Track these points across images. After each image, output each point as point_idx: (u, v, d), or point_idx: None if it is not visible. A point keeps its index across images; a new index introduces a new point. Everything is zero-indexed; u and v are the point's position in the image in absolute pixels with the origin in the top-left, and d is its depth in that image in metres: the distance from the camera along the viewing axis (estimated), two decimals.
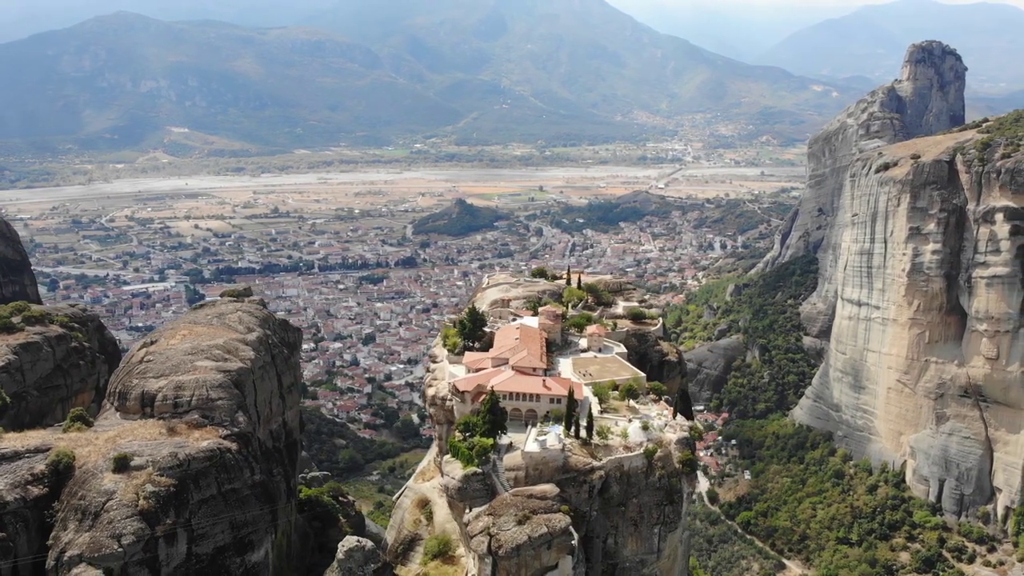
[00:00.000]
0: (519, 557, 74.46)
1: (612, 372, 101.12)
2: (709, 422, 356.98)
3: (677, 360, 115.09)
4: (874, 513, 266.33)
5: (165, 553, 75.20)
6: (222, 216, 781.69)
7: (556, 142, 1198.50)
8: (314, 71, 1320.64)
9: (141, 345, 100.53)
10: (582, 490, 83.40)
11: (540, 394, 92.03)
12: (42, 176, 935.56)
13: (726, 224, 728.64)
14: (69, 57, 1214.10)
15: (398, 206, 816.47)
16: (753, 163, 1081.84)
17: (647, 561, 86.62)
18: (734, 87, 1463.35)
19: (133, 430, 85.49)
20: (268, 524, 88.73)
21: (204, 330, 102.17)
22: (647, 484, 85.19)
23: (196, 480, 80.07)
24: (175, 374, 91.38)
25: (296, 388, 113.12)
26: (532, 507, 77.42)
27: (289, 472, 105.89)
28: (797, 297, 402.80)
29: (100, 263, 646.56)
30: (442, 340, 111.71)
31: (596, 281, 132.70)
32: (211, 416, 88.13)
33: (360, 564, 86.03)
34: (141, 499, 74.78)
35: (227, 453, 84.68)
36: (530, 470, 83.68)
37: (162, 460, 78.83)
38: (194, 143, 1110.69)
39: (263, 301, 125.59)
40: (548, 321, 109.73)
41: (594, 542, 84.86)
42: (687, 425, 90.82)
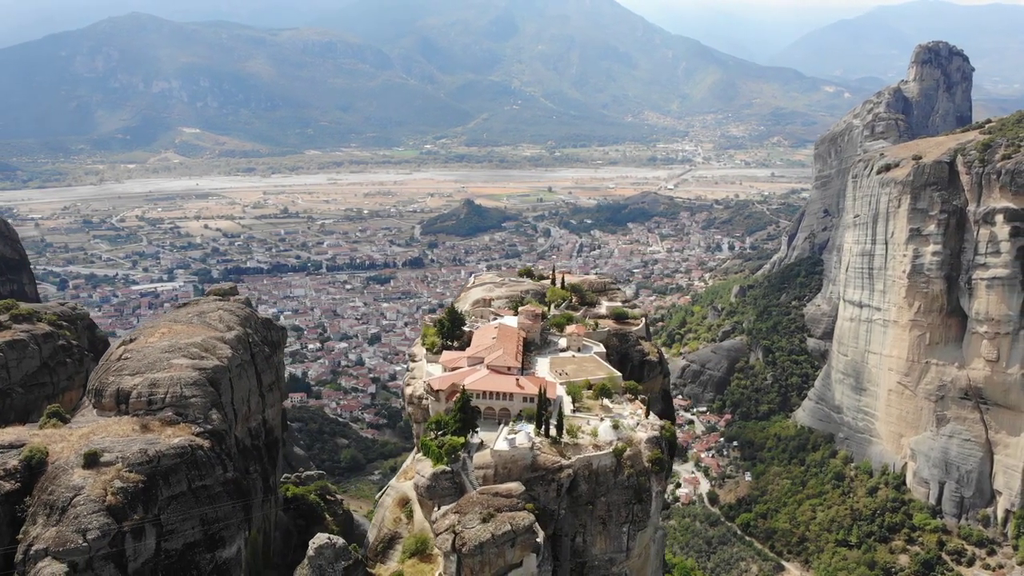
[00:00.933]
0: (482, 555, 74.89)
1: (589, 371, 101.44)
2: (711, 423, 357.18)
3: (658, 360, 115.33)
4: (874, 515, 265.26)
5: (132, 548, 76.00)
6: (232, 216, 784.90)
7: (566, 143, 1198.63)
8: (325, 72, 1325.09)
9: (120, 343, 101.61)
10: (550, 488, 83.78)
11: (513, 393, 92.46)
12: (54, 176, 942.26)
13: (734, 225, 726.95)
14: (82, 58, 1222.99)
15: (407, 207, 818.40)
16: (764, 164, 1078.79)
17: (616, 560, 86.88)
18: (745, 88, 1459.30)
19: (107, 427, 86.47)
20: (241, 521, 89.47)
21: (183, 328, 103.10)
22: (616, 483, 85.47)
23: (166, 476, 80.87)
24: (151, 372, 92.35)
25: (277, 386, 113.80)
26: (497, 505, 77.86)
27: (268, 470, 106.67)
28: (802, 299, 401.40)
29: (110, 263, 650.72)
30: (421, 339, 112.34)
31: (580, 281, 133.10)
32: (185, 413, 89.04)
33: (330, 561, 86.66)
34: (109, 494, 75.65)
35: (199, 450, 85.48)
36: (499, 468, 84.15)
37: (132, 456, 79.69)
38: (205, 143, 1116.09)
39: (248, 300, 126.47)
40: (527, 321, 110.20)
41: (562, 540, 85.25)
42: (659, 424, 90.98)
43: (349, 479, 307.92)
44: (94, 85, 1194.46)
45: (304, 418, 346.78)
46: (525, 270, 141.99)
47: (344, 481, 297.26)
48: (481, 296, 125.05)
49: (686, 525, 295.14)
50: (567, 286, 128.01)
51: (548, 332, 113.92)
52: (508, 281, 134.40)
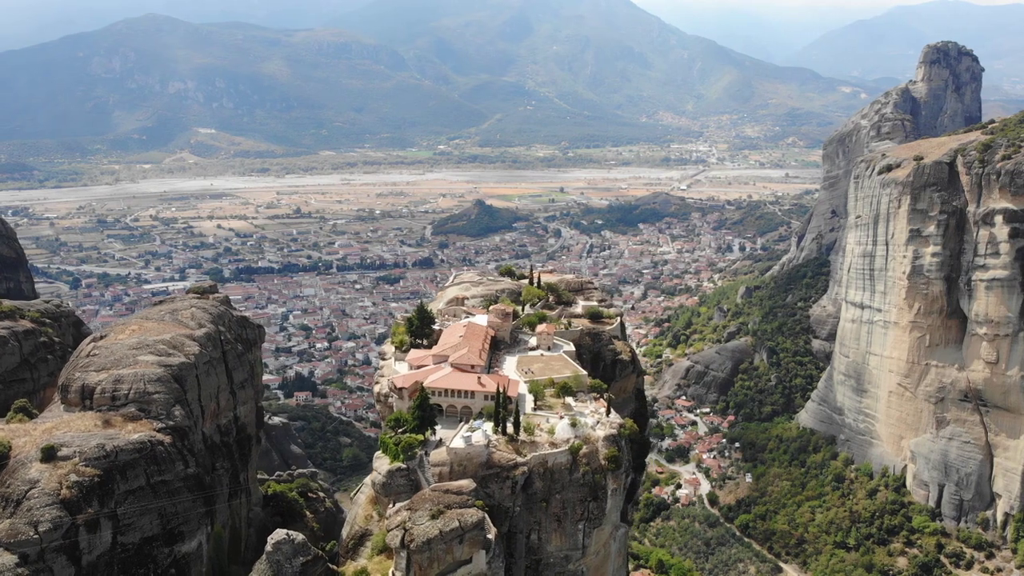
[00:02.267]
0: (431, 551, 75.51)
1: (555, 370, 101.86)
2: (714, 424, 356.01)
3: (630, 359, 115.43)
4: (873, 518, 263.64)
5: (87, 541, 77.24)
6: (245, 216, 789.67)
7: (579, 143, 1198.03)
8: (340, 73, 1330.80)
9: (90, 339, 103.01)
10: (505, 486, 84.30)
11: (474, 391, 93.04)
12: (70, 176, 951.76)
13: (746, 226, 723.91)
14: (99, 59, 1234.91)
15: (419, 207, 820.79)
16: (778, 165, 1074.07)
17: (572, 557, 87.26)
18: (761, 88, 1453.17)
19: (70, 422, 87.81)
20: (202, 516, 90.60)
21: (154, 325, 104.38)
22: (571, 480, 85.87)
23: (123, 471, 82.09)
24: (116, 368, 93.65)
25: (251, 384, 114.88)
26: (447, 502, 78.45)
27: (239, 466, 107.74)
28: (808, 300, 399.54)
29: (123, 262, 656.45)
30: (392, 337, 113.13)
31: (557, 281, 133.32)
32: (147, 409, 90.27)
33: (288, 557, 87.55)
34: (64, 488, 76.93)
35: (158, 446, 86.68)
36: (455, 466, 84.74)
37: (89, 451, 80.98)
38: (220, 144, 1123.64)
39: (226, 299, 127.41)
40: (497, 319, 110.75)
41: (517, 537, 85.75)
42: (618, 423, 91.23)
43: (350, 477, 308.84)
44: (111, 86, 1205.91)
45: (308, 416, 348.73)
46: (506, 269, 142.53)
47: (345, 479, 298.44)
48: (456, 295, 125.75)
49: (685, 526, 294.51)
50: (543, 285, 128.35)
51: (520, 331, 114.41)
52: (486, 280, 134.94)
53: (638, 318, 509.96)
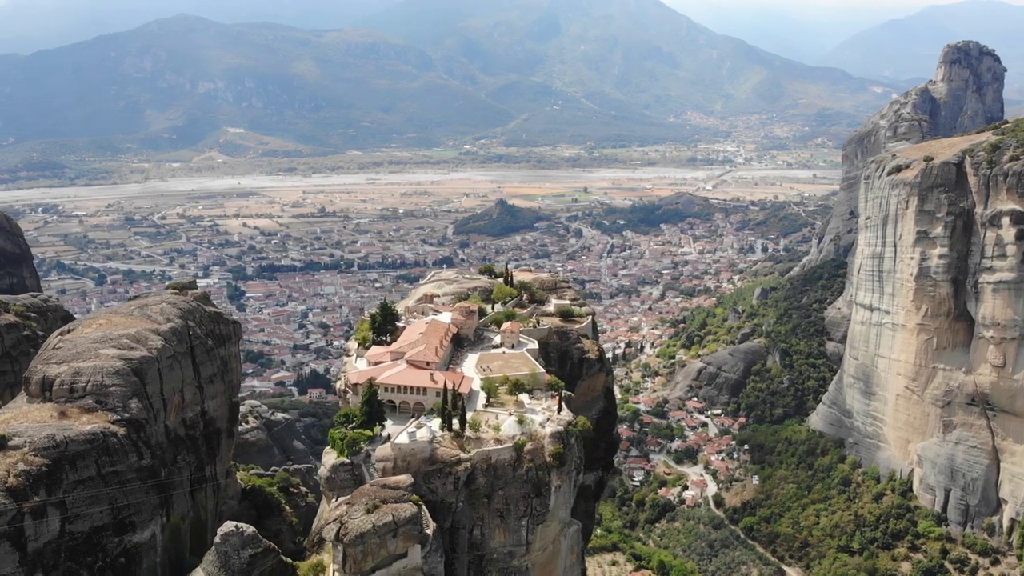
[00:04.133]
0: (364, 544, 76.48)
1: (514, 368, 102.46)
2: (725, 426, 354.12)
3: (597, 358, 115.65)
4: (878, 521, 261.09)
5: (33, 529, 78.95)
6: (270, 215, 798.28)
7: (605, 143, 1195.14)
8: (368, 73, 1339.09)
9: (57, 332, 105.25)
10: (448, 481, 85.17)
11: (427, 387, 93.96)
12: (101, 174, 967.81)
13: (769, 227, 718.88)
14: (131, 58, 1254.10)
15: (442, 206, 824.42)
16: (806, 165, 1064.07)
17: (516, 553, 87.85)
18: (791, 88, 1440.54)
19: (27, 413, 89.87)
20: (155, 507, 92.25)
21: (121, 320, 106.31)
22: (514, 477, 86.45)
23: (73, 461, 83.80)
24: (77, 360, 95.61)
25: (222, 379, 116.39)
26: (383, 497, 79.40)
27: (205, 460, 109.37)
28: (823, 302, 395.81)
29: (148, 259, 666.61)
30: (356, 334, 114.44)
31: (532, 279, 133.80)
32: (104, 402, 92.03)
33: (236, 549, 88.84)
34: (11, 477, 78.79)
35: (111, 437, 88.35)
36: (398, 461, 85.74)
37: (39, 441, 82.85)
38: (249, 143, 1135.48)
39: (205, 295, 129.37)
40: (461, 317, 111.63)
41: (460, 533, 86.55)
42: (566, 420, 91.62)
43: None
44: (142, 85, 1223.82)
45: (319, 413, 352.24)
46: (485, 268, 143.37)
47: None
48: (428, 292, 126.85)
49: (690, 528, 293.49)
50: (517, 284, 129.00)
51: (486, 329, 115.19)
52: (461, 279, 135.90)
53: (654, 319, 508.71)
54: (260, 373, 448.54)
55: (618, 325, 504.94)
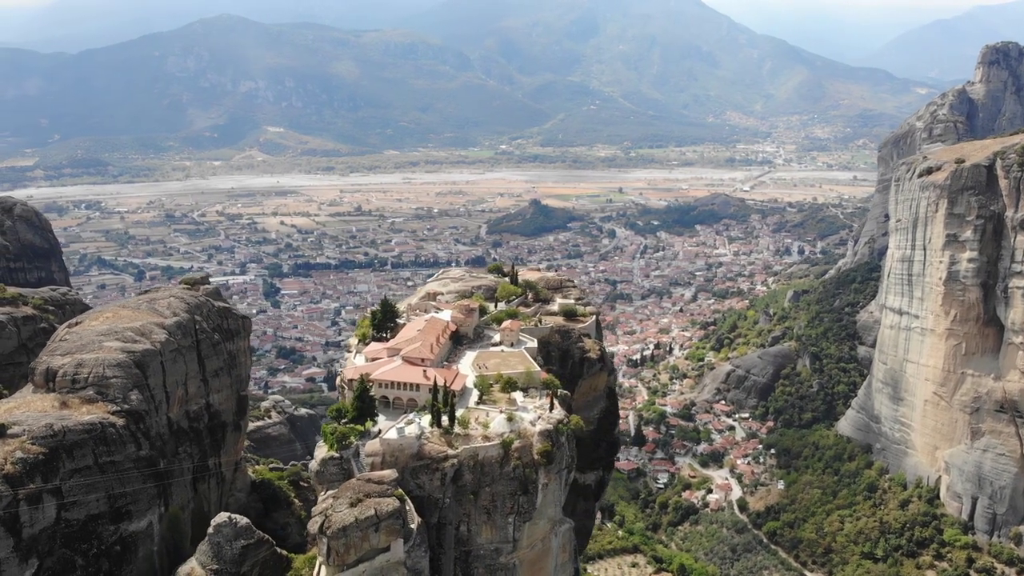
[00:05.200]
0: (346, 538, 77.43)
1: (511, 366, 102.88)
2: (752, 430, 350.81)
3: (598, 357, 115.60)
4: (903, 529, 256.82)
5: (28, 515, 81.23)
6: (307, 213, 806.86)
7: (642, 143, 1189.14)
8: (407, 73, 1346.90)
9: (66, 324, 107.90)
10: (435, 477, 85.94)
11: (420, 384, 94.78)
12: (144, 171, 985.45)
13: (806, 229, 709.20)
14: (175, 58, 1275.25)
15: (476, 206, 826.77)
16: (846, 167, 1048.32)
17: (503, 550, 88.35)
18: (833, 89, 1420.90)
19: (30, 402, 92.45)
20: (153, 497, 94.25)
21: (128, 313, 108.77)
22: (501, 474, 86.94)
23: (70, 450, 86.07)
24: (80, 352, 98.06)
25: (229, 373, 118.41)
26: (367, 491, 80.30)
27: (208, 452, 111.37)
28: (855, 305, 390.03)
29: (187, 255, 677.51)
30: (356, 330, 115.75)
31: (538, 278, 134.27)
32: (105, 393, 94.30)
33: (228, 539, 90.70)
34: (8, 464, 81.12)
35: (110, 428, 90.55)
36: (386, 456, 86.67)
37: (37, 430, 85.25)
38: (289, 142, 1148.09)
39: (216, 290, 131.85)
40: (460, 315, 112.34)
41: (446, 529, 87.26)
42: (555, 419, 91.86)
43: None
44: (185, 84, 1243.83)
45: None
46: (494, 267, 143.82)
47: None
48: (432, 290, 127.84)
49: (713, 531, 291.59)
50: (521, 283, 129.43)
51: (487, 327, 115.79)
52: (468, 277, 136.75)
53: (685, 320, 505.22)
54: (291, 369, 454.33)
55: (648, 326, 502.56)
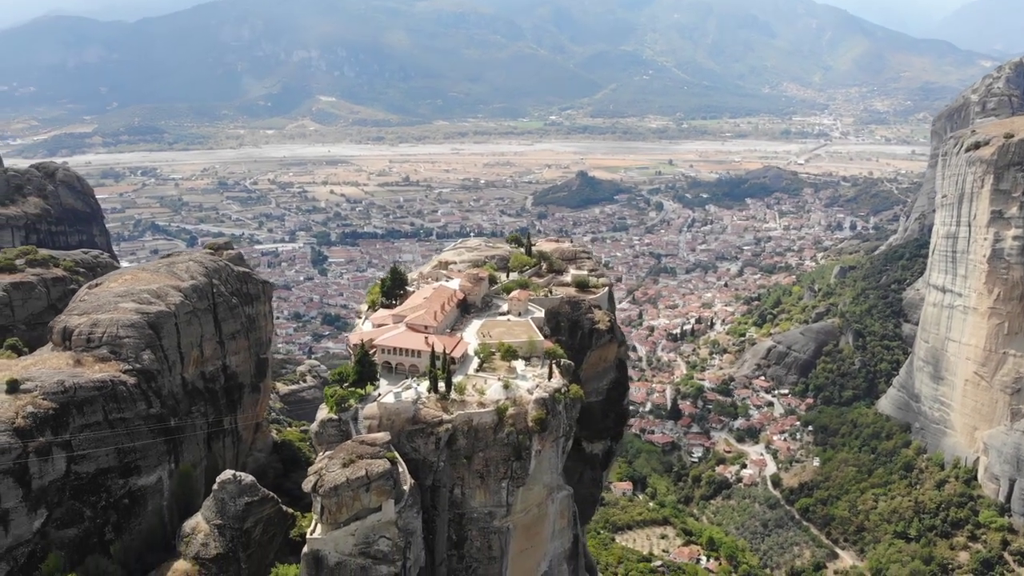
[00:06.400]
0: (338, 496, 79.43)
1: (515, 335, 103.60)
2: (791, 406, 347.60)
3: (608, 328, 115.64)
4: (938, 509, 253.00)
5: (38, 467, 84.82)
6: (357, 183, 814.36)
7: (695, 114, 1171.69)
8: (458, 42, 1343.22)
9: (86, 286, 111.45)
10: (429, 441, 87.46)
11: (421, 350, 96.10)
12: (198, 139, 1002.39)
13: (859, 204, 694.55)
14: (229, 27, 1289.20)
15: (523, 177, 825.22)
16: (905, 141, 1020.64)
17: (496, 514, 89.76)
18: (894, 60, 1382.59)
19: (46, 360, 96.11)
20: (162, 454, 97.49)
21: (147, 276, 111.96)
22: (495, 439, 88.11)
23: (80, 406, 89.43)
24: (96, 312, 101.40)
25: (246, 336, 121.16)
26: (360, 452, 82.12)
27: (223, 412, 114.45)
28: (903, 282, 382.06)
29: (238, 223, 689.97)
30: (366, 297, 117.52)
31: (553, 249, 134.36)
32: (118, 352, 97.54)
33: (233, 496, 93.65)
34: (19, 418, 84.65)
35: (120, 385, 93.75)
36: (383, 420, 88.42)
37: (49, 386, 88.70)
38: (340, 112, 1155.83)
39: (239, 255, 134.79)
40: (468, 283, 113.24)
41: (440, 491, 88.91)
42: (553, 387, 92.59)
43: None
44: (240, 53, 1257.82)
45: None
46: (512, 237, 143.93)
47: None
48: (445, 259, 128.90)
49: (745, 507, 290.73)
50: (535, 253, 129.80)
51: (496, 296, 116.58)
52: (483, 246, 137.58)
53: (729, 295, 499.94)
54: (336, 335, 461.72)
55: (691, 301, 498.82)
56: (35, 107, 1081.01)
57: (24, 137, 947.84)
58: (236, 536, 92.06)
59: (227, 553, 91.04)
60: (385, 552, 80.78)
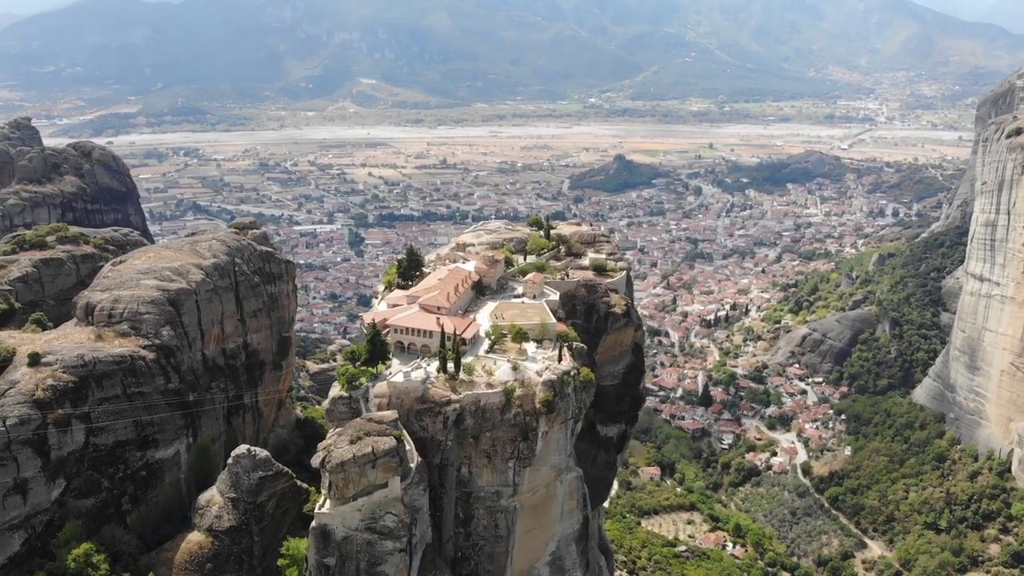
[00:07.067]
0: (344, 472, 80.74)
1: (527, 317, 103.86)
2: (824, 395, 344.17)
3: (624, 312, 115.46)
4: (970, 501, 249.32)
5: (57, 439, 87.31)
6: (395, 165, 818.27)
7: (738, 97, 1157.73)
8: (498, 24, 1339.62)
9: (111, 263, 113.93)
10: (437, 420, 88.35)
11: (433, 331, 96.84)
12: (240, 120, 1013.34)
13: (903, 190, 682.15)
14: (272, 8, 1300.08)
15: (560, 161, 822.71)
16: (952, 127, 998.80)
17: (503, 493, 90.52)
18: (943, 44, 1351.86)
19: (69, 334, 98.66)
20: (180, 428, 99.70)
21: (170, 254, 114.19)
22: (502, 420, 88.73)
23: (99, 380, 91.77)
24: (119, 289, 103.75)
25: (268, 314, 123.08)
26: (368, 430, 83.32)
27: (243, 388, 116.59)
28: (942, 270, 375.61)
29: (278, 203, 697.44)
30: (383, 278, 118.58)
31: (572, 232, 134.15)
32: (138, 328, 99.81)
33: (247, 470, 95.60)
34: (39, 390, 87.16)
35: (139, 360, 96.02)
36: (392, 398, 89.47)
37: (69, 360, 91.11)
38: (380, 94, 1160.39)
39: (264, 235, 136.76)
40: (483, 266, 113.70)
41: (448, 470, 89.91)
42: (561, 370, 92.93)
43: None
44: (282, 35, 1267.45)
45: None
46: (533, 220, 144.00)
47: None
48: (464, 241, 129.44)
49: (774, 494, 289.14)
50: (554, 236, 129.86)
51: (512, 279, 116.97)
52: (503, 229, 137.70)
53: (766, 282, 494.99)
54: None
55: (726, 287, 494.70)
56: (81, 87, 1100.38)
57: (70, 117, 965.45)
58: (249, 509, 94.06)
59: (240, 526, 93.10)
60: (391, 528, 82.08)
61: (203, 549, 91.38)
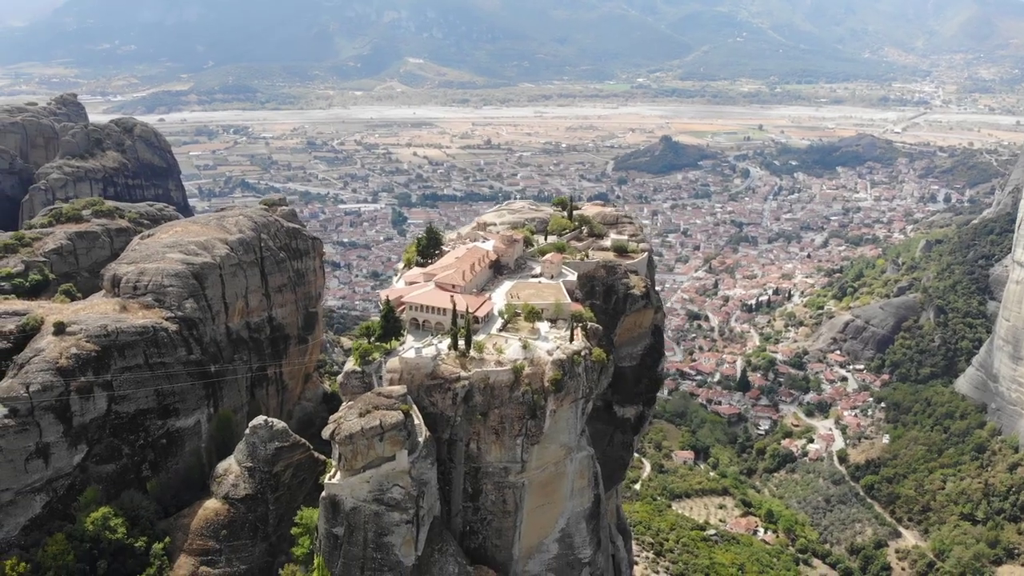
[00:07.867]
0: (353, 444, 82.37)
1: (543, 297, 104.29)
2: (865, 382, 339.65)
3: (643, 294, 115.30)
4: (1008, 492, 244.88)
5: (79, 405, 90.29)
6: (439, 145, 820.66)
7: (789, 79, 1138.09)
8: (547, 2, 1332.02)
9: (139, 236, 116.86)
10: (447, 396, 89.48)
11: (447, 308, 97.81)
12: (289, 99, 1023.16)
13: (955, 176, 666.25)
14: None
15: (605, 142, 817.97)
16: (1010, 111, 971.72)
17: (511, 469, 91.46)
18: (1004, 26, 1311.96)
19: (95, 305, 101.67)
20: (201, 398, 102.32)
21: (197, 229, 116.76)
22: (511, 397, 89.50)
23: (122, 349, 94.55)
24: (144, 262, 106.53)
25: (293, 289, 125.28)
26: (377, 403, 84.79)
27: (267, 361, 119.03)
28: (990, 258, 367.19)
29: (324, 182, 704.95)
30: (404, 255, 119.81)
31: (595, 213, 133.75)
32: (162, 300, 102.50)
33: (264, 441, 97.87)
34: (63, 358, 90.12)
35: (161, 332, 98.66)
36: (403, 374, 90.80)
37: (92, 329, 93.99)
38: (427, 74, 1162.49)
39: (292, 212, 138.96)
40: (501, 245, 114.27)
41: (457, 445, 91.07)
42: (572, 350, 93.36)
43: None
44: (332, 13, 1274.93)
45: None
46: (559, 200, 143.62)
47: None
48: (486, 220, 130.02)
49: (808, 481, 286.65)
50: (577, 217, 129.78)
51: (531, 259, 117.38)
52: (527, 209, 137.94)
53: (811, 267, 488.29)
54: None
55: (770, 271, 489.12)
56: (135, 65, 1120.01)
57: (124, 94, 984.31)
58: (265, 479, 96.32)
59: (256, 494, 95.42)
60: (398, 500, 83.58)
61: (219, 516, 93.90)
